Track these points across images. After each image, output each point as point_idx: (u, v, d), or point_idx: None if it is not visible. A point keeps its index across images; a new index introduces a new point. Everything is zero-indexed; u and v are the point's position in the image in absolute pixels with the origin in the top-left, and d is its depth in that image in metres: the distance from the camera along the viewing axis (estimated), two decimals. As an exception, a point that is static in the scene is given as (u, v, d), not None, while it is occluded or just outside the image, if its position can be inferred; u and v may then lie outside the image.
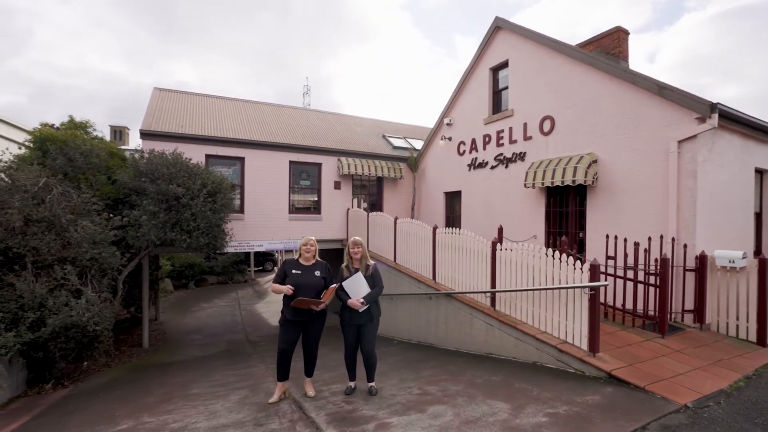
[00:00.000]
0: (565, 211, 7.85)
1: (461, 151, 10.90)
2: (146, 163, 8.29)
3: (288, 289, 3.87)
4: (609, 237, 6.25)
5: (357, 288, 4.06)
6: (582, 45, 9.09)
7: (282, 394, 4.23)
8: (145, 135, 9.44)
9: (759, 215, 7.13)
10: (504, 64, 9.58)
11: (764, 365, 4.40)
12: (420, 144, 13.41)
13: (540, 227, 8.28)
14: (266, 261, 24.03)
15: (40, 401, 5.69)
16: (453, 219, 11.38)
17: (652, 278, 5.51)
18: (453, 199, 11.46)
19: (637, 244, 5.64)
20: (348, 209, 11.71)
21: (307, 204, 11.58)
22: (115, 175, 8.53)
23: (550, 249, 5.00)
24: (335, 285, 4.05)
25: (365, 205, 12.27)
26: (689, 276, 5.77)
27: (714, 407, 3.38)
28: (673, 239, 5.89)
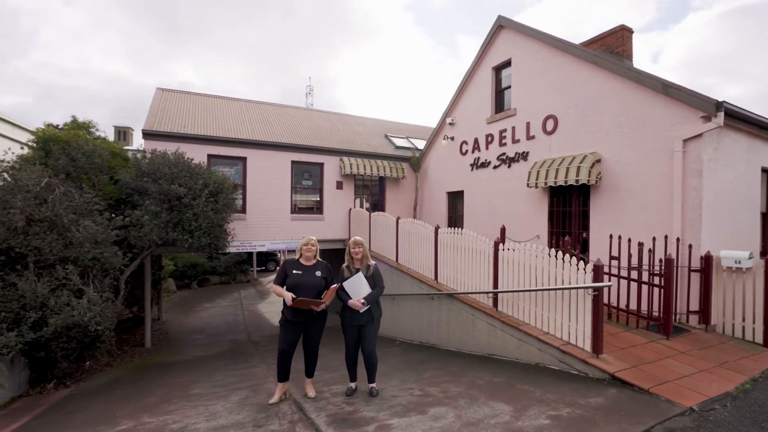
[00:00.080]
0: (569, 211, 7.79)
1: (464, 151, 10.85)
2: (148, 163, 8.31)
3: (289, 299, 3.84)
4: (613, 237, 6.19)
5: (358, 288, 4.03)
6: (585, 44, 9.03)
7: (282, 395, 4.21)
8: (148, 135, 9.46)
9: (765, 215, 7.04)
10: (507, 63, 9.52)
11: (771, 367, 4.33)
12: (422, 144, 13.37)
13: (543, 227, 8.22)
14: (269, 261, 24.06)
15: (42, 401, 5.70)
16: (455, 219, 11.33)
17: (657, 279, 5.45)
18: (455, 199, 11.41)
19: (641, 244, 5.58)
20: (350, 209, 11.69)
21: (309, 204, 11.57)
22: (118, 175, 8.55)
23: (553, 249, 4.95)
24: (336, 285, 4.02)
25: (367, 205, 12.25)
26: (694, 276, 5.70)
27: (720, 410, 3.33)
28: (678, 239, 5.82)
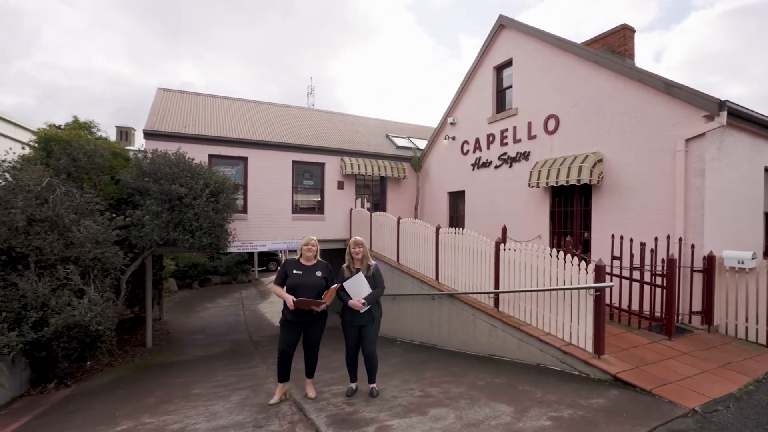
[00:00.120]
0: (570, 211, 7.75)
1: (465, 151, 10.82)
2: (149, 163, 8.31)
3: (290, 303, 3.83)
4: (614, 237, 6.16)
5: (358, 288, 4.01)
6: (587, 43, 8.99)
7: (283, 395, 4.19)
8: (149, 135, 9.46)
9: (768, 215, 7.00)
10: (508, 63, 9.49)
11: (774, 368, 4.29)
12: (423, 144, 13.35)
13: (544, 227, 8.19)
14: (270, 261, 24.07)
15: (43, 401, 5.70)
16: (457, 219, 11.31)
17: (659, 279, 5.42)
18: (457, 199, 11.38)
19: (644, 245, 5.55)
20: (351, 209, 11.68)
21: (310, 204, 11.56)
22: (119, 175, 8.56)
23: (555, 249, 4.92)
24: (336, 285, 4.01)
25: (368, 205, 12.23)
26: (697, 277, 5.67)
27: (723, 412, 3.30)
28: (680, 239, 5.79)
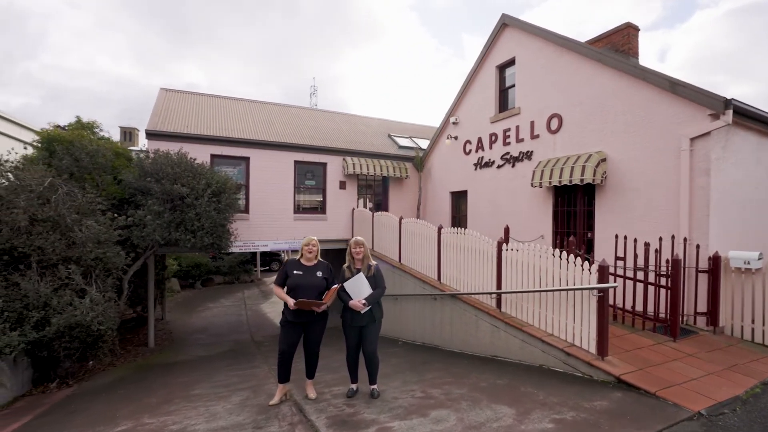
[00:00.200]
0: (573, 211, 7.69)
1: (467, 150, 10.77)
2: (151, 163, 8.32)
3: (291, 305, 3.83)
4: (618, 237, 6.10)
5: (359, 289, 3.98)
6: (591, 42, 8.92)
7: (283, 396, 4.17)
8: (151, 135, 9.47)
9: (775, 215, 6.90)
10: (511, 62, 9.44)
11: (781, 371, 4.23)
12: (426, 143, 13.30)
13: (547, 227, 8.13)
14: (272, 261, 24.06)
15: (44, 400, 5.70)
16: (459, 219, 11.26)
17: (663, 280, 5.35)
18: (459, 199, 11.33)
19: (648, 245, 5.49)
20: (353, 209, 11.65)
21: (312, 204, 11.54)
22: (121, 175, 8.57)
23: (558, 249, 4.87)
24: (337, 285, 3.98)
25: (371, 205, 12.20)
26: (702, 277, 5.59)
27: (729, 415, 3.24)
28: (685, 239, 5.72)
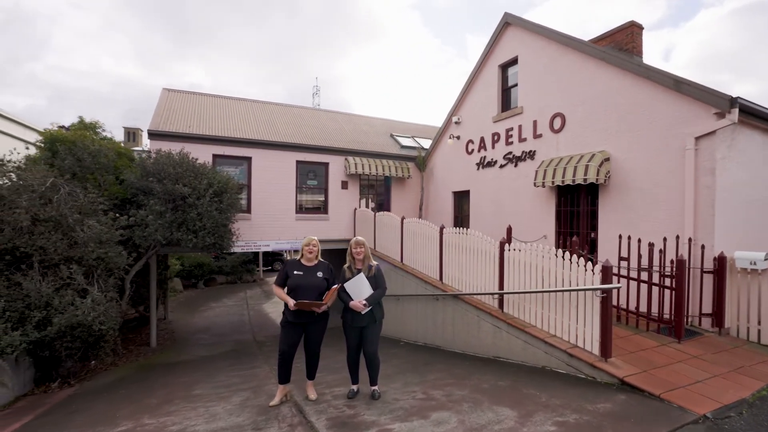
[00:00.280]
0: (576, 211, 7.63)
1: (470, 150, 10.72)
2: (153, 163, 8.32)
3: (291, 306, 3.82)
4: (622, 237, 6.03)
5: (359, 289, 3.95)
6: (594, 40, 8.84)
7: (283, 397, 4.15)
8: (153, 135, 9.48)
9: (781, 215, 6.82)
10: (513, 61, 9.38)
11: (788, 373, 4.16)
12: (428, 143, 13.26)
13: (550, 227, 8.07)
14: (275, 261, 24.07)
15: (46, 400, 5.71)
16: (461, 219, 11.21)
17: (668, 280, 5.30)
18: (461, 199, 11.29)
19: (652, 245, 5.43)
20: (355, 209, 11.62)
21: (314, 204, 11.52)
22: (123, 175, 8.58)
23: (561, 250, 4.83)
24: (337, 286, 3.96)
25: (373, 205, 12.17)
26: (707, 278, 5.53)
27: (735, 418, 3.19)
28: (690, 240, 5.66)
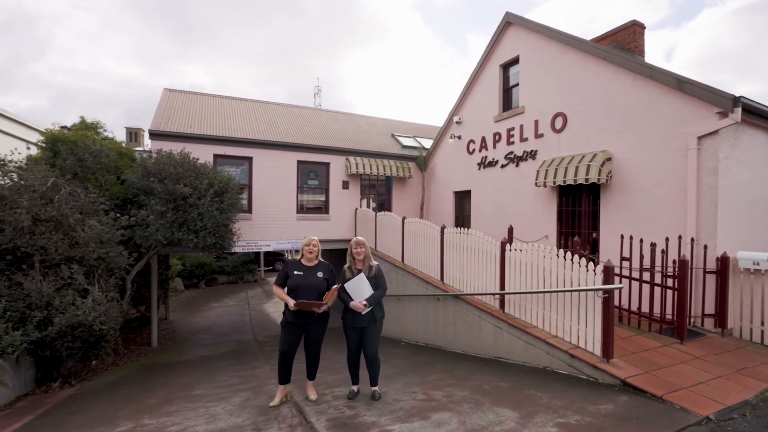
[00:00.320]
0: (578, 211, 7.60)
1: (471, 150, 10.70)
2: (154, 163, 8.33)
3: (291, 306, 3.81)
4: (624, 237, 6.01)
5: (359, 289, 3.94)
6: (596, 40, 8.80)
7: (283, 397, 4.14)
8: (154, 135, 9.49)
9: (784, 215, 6.77)
10: (514, 61, 9.36)
11: (792, 374, 4.13)
12: (429, 143, 13.24)
13: (552, 227, 8.05)
14: (276, 261, 24.10)
15: (47, 400, 5.71)
16: (463, 219, 11.18)
17: (670, 281, 5.26)
18: (462, 199, 11.26)
19: (654, 245, 5.39)
20: (356, 209, 11.61)
21: (315, 204, 11.52)
22: (124, 175, 8.58)
23: (562, 250, 4.81)
24: (337, 286, 3.94)
25: (374, 205, 12.15)
26: (710, 278, 5.50)
27: (739, 420, 3.16)
28: (693, 240, 5.62)
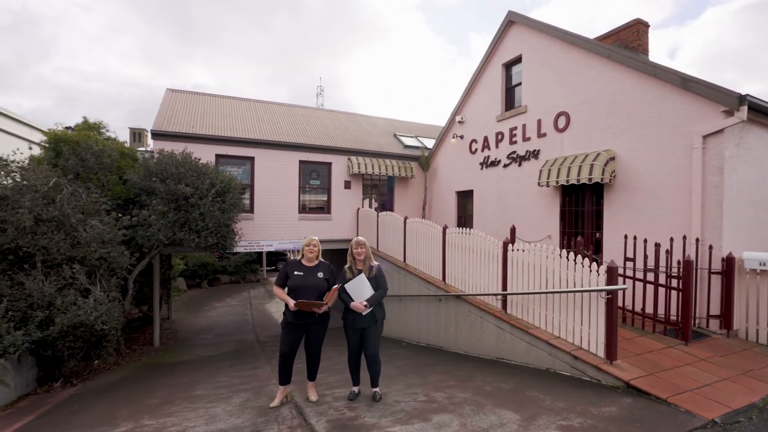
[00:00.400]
0: (581, 211, 7.54)
1: (473, 150, 10.65)
2: (156, 163, 8.33)
3: (291, 306, 3.80)
4: (627, 237, 5.95)
5: (360, 290, 3.91)
6: (600, 38, 8.74)
7: (284, 398, 4.11)
8: (156, 135, 9.50)
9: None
10: (517, 60, 9.30)
11: (799, 376, 4.07)
12: (432, 143, 13.19)
13: (554, 227, 7.99)
14: (279, 260, 24.11)
15: (48, 399, 5.71)
16: (465, 219, 11.14)
17: (675, 281, 5.21)
18: (465, 199, 11.21)
19: (658, 245, 5.34)
20: (358, 209, 11.58)
21: (317, 204, 11.50)
22: (126, 175, 8.60)
23: (565, 250, 4.76)
24: (337, 286, 3.91)
25: (376, 205, 12.12)
26: (715, 279, 5.43)
27: (745, 423, 3.11)
28: (698, 240, 5.56)
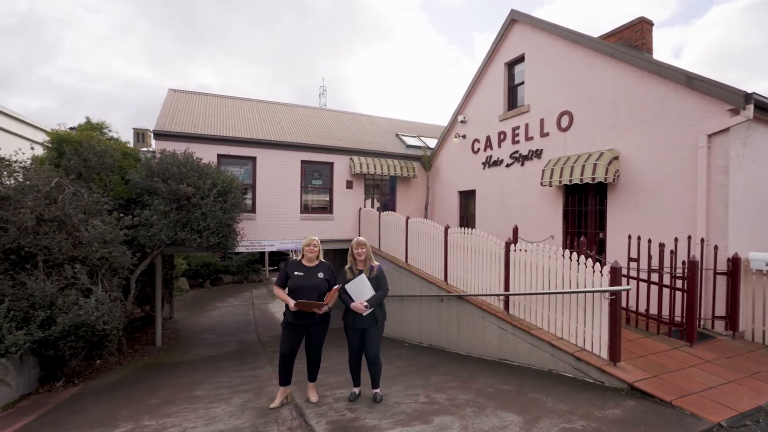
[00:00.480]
0: (584, 211, 7.48)
1: (476, 149, 10.60)
2: (158, 163, 8.34)
3: (291, 306, 3.78)
4: (631, 238, 5.89)
5: (361, 291, 3.88)
6: (603, 37, 8.67)
7: (284, 399, 4.09)
8: (159, 135, 9.51)
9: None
10: (520, 59, 9.25)
11: (807, 379, 4.01)
12: (434, 142, 13.15)
13: (557, 227, 7.93)
14: (281, 260, 24.09)
15: (50, 399, 5.71)
16: (467, 219, 11.09)
17: (679, 282, 5.14)
18: (467, 199, 11.16)
19: (663, 245, 5.27)
20: (360, 209, 11.56)
21: (319, 203, 11.48)
22: (128, 175, 8.61)
23: (568, 250, 4.71)
24: (338, 286, 3.89)
25: (378, 205, 12.09)
26: (720, 280, 5.37)
27: (752, 427, 3.05)
28: (703, 240, 5.49)
